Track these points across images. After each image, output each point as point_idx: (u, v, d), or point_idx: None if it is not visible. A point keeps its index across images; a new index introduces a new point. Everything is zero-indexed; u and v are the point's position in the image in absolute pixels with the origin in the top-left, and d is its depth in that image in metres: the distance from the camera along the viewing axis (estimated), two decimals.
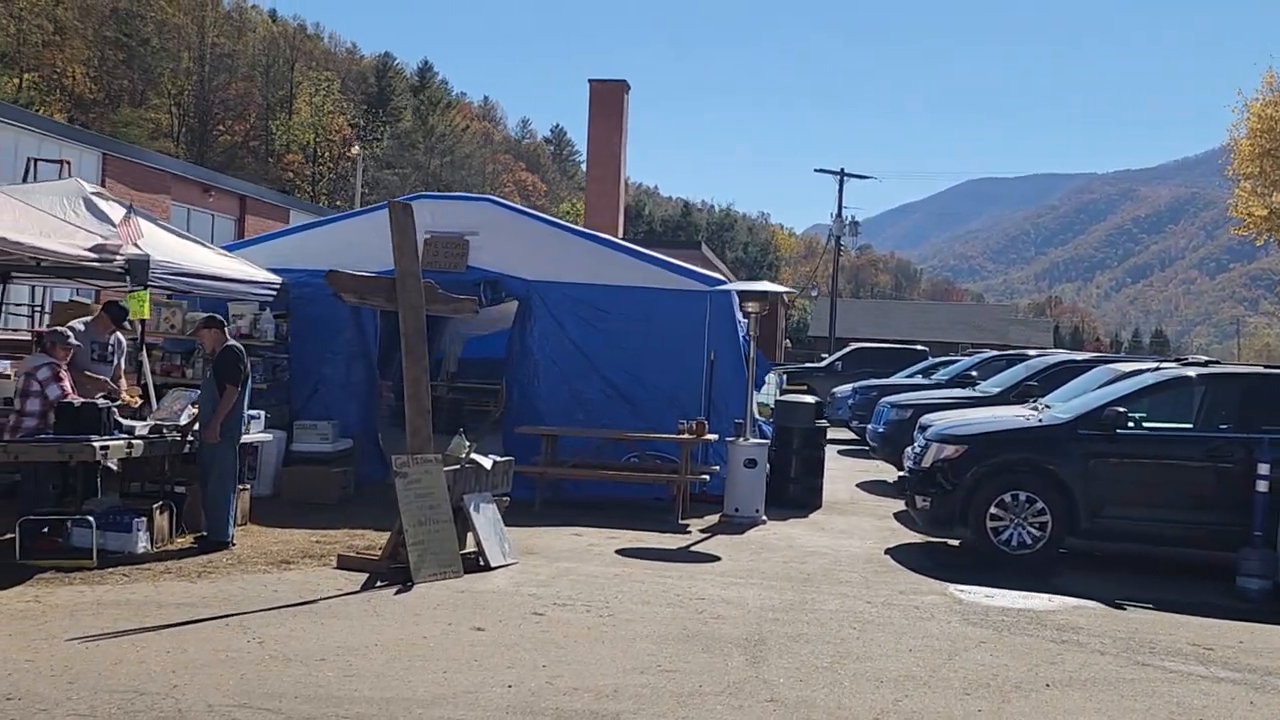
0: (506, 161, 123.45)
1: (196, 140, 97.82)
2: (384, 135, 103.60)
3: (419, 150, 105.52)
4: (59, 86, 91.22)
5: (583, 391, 15.38)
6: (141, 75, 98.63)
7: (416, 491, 9.60)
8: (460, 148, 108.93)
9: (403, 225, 9.76)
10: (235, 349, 10.61)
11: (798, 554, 11.87)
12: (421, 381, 9.78)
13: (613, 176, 44.98)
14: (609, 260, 15.58)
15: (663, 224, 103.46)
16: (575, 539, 12.01)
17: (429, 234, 15.57)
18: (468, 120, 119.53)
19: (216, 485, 10.55)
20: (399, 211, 9.78)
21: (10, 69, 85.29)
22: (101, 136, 20.64)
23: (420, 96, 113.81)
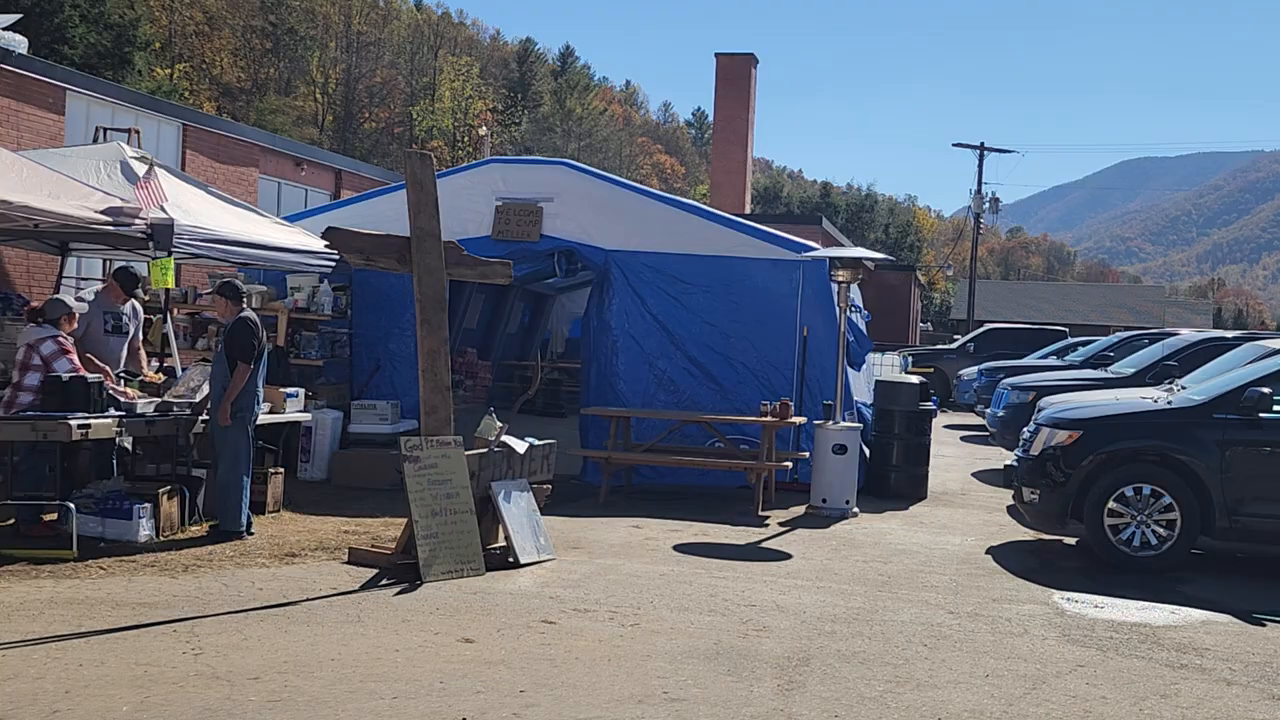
0: (645, 144, 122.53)
1: (341, 127, 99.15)
2: (522, 120, 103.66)
3: (556, 134, 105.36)
4: (208, 76, 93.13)
5: (665, 370, 14.16)
6: (288, 64, 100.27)
7: (430, 478, 8.49)
8: (598, 131, 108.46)
9: (420, 179, 8.64)
10: (249, 321, 9.63)
11: (883, 552, 10.48)
12: (439, 355, 8.65)
13: (739, 153, 43.66)
14: (693, 227, 14.31)
15: (801, 205, 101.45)
16: (632, 532, 10.80)
17: (501, 201, 14.53)
18: (606, 104, 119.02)
19: (227, 471, 9.60)
20: (415, 163, 8.66)
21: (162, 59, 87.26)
22: (181, 106, 20.08)
23: (560, 80, 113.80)
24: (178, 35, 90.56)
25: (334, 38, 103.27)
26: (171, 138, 18.90)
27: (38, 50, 42.65)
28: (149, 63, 76.34)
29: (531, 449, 9.55)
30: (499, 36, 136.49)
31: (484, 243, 14.46)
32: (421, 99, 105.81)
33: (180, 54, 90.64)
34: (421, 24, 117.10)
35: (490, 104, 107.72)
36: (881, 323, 43.40)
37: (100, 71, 48.45)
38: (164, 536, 9.46)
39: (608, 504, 12.34)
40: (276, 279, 14.41)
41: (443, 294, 8.73)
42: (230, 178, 19.58)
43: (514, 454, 9.28)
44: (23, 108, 15.21)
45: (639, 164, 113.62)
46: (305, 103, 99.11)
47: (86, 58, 52.99)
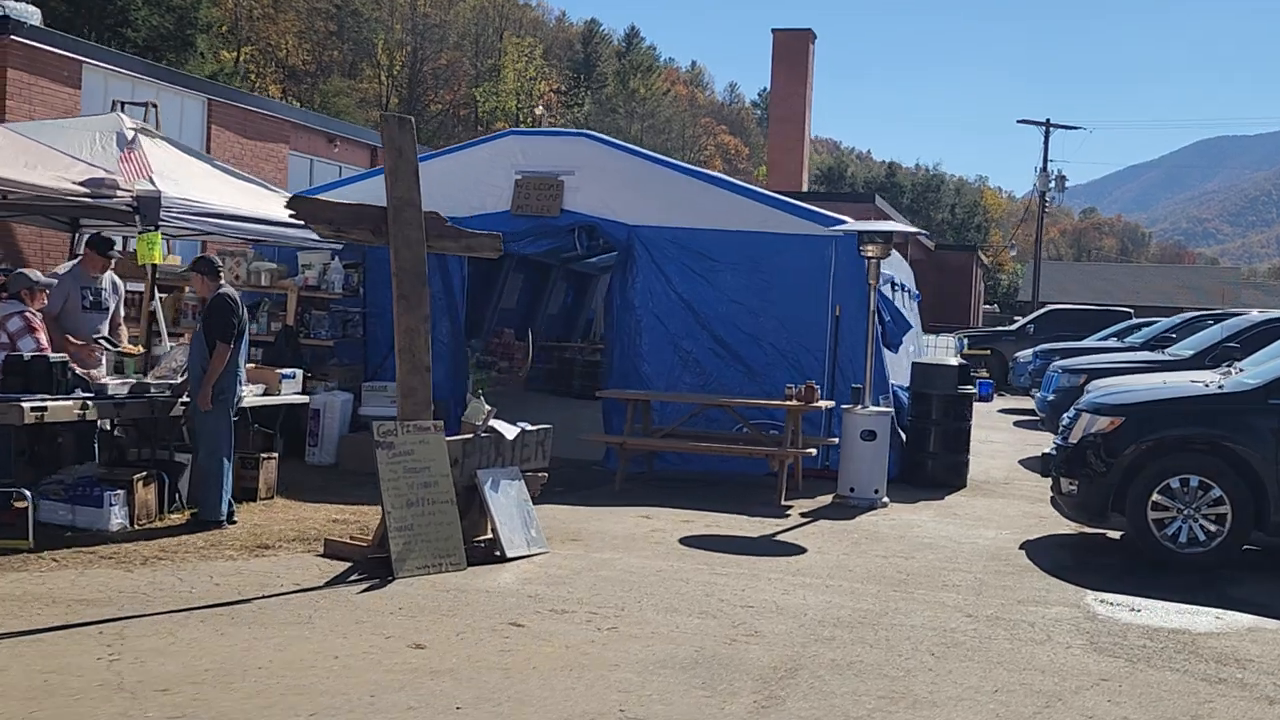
0: (708, 125, 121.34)
1: (406, 109, 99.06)
2: (584, 101, 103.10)
3: (619, 115, 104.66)
4: (274, 59, 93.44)
5: (690, 351, 13.50)
6: (353, 47, 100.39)
7: (406, 465, 7.91)
8: (661, 111, 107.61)
9: (399, 144, 8.04)
10: (227, 298, 9.09)
11: (908, 546, 9.77)
12: (418, 333, 8.06)
13: (795, 131, 42.69)
14: (721, 201, 13.60)
15: (865, 185, 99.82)
16: (640, 522, 10.17)
17: (520, 174, 13.92)
18: (670, 84, 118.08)
19: (206, 456, 9.08)
20: (393, 127, 8.06)
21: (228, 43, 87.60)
22: (206, 81, 19.70)
23: (624, 60, 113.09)
24: (244, 19, 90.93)
25: (400, 20, 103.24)
26: (196, 113, 18.49)
27: (100, 34, 42.61)
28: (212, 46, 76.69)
29: (524, 434, 8.94)
30: (564, 18, 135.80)
31: (503, 218, 13.88)
32: (486, 81, 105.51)
33: (247, 37, 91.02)
34: (487, 6, 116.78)
35: (554, 85, 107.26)
36: (943, 304, 42.34)
37: (163, 54, 48.40)
38: (139, 525, 8.98)
39: (622, 492, 11.72)
40: (288, 256, 13.92)
41: (422, 268, 8.13)
42: (259, 154, 19.17)
43: (503, 440, 8.68)
44: (36, 81, 14.85)
45: (702, 145, 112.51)
46: (370, 85, 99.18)
47: (149, 40, 53.04)
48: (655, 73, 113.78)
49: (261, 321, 13.41)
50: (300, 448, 12.53)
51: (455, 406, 14.05)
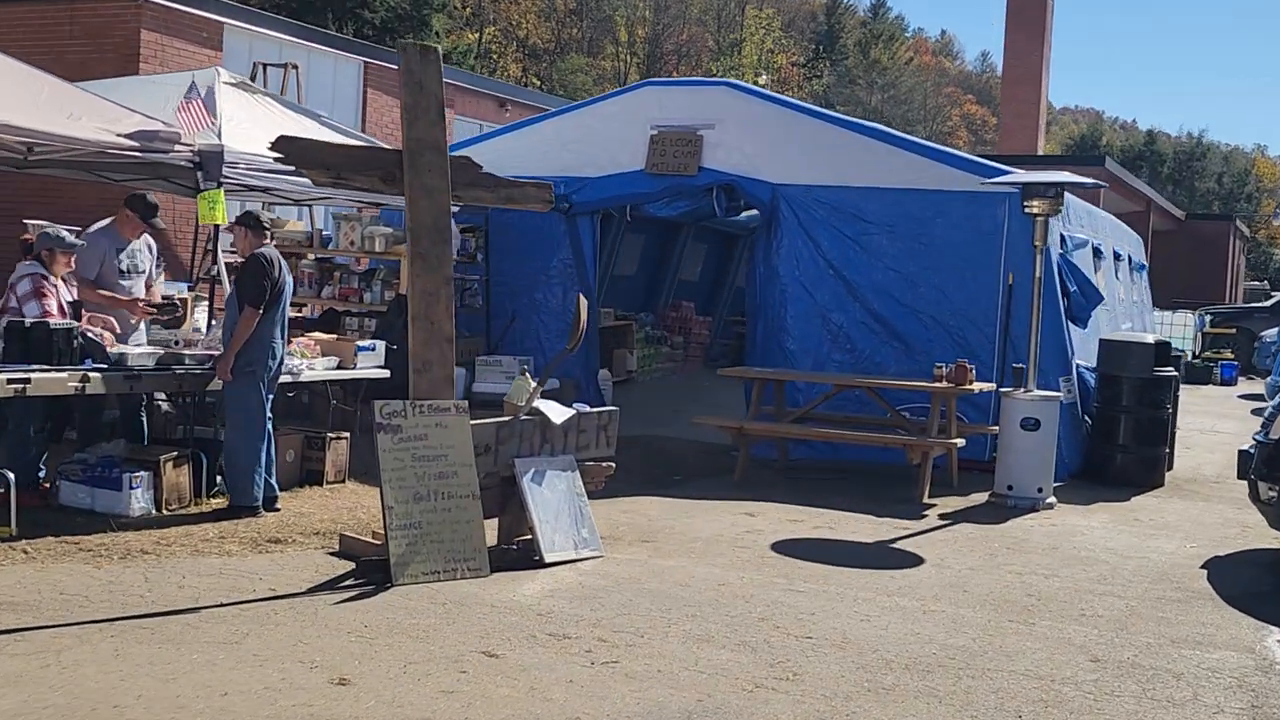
0: (953, 94, 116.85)
1: None
2: (823, 72, 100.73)
3: (859, 86, 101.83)
4: (515, 39, 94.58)
5: (841, 325, 11.94)
6: (592, 24, 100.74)
7: (416, 453, 6.74)
8: (903, 81, 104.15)
9: (419, 78, 6.85)
10: (262, 258, 8.09)
11: (1056, 560, 8.06)
12: (437, 298, 6.87)
13: (1031, 92, 39.84)
14: (876, 155, 11.96)
15: (1121, 154, 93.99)
16: (739, 521, 8.76)
17: (655, 129, 12.60)
18: (915, 54, 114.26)
19: (236, 436, 8.13)
20: (413, 58, 6.87)
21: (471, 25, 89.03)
22: (360, 42, 19.01)
23: (866, 29, 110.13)
24: (487, 1, 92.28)
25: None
26: (351, 76, 17.83)
27: (340, 15, 43.16)
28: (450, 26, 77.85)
29: (580, 418, 7.65)
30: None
31: (636, 177, 12.65)
32: (726, 55, 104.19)
33: (490, 18, 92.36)
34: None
35: (793, 57, 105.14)
36: (1195, 278, 38.87)
37: (400, 34, 48.87)
38: (169, 510, 8.11)
39: (742, 483, 10.31)
40: (395, 218, 13.01)
41: (445, 222, 6.92)
42: None
43: (550, 424, 7.41)
44: (170, 42, 14.38)
45: (947, 115, 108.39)
46: (609, 62, 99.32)
47: (387, 21, 53.92)
48: (899, 41, 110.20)
49: (375, 290, 12.57)
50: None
51: (587, 383, 12.94)
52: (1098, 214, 15.55)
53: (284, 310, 8.28)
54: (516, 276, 12.98)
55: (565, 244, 12.89)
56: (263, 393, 8.14)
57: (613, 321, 17.01)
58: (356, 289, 12.64)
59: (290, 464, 9.16)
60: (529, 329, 13.02)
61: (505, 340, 12.92)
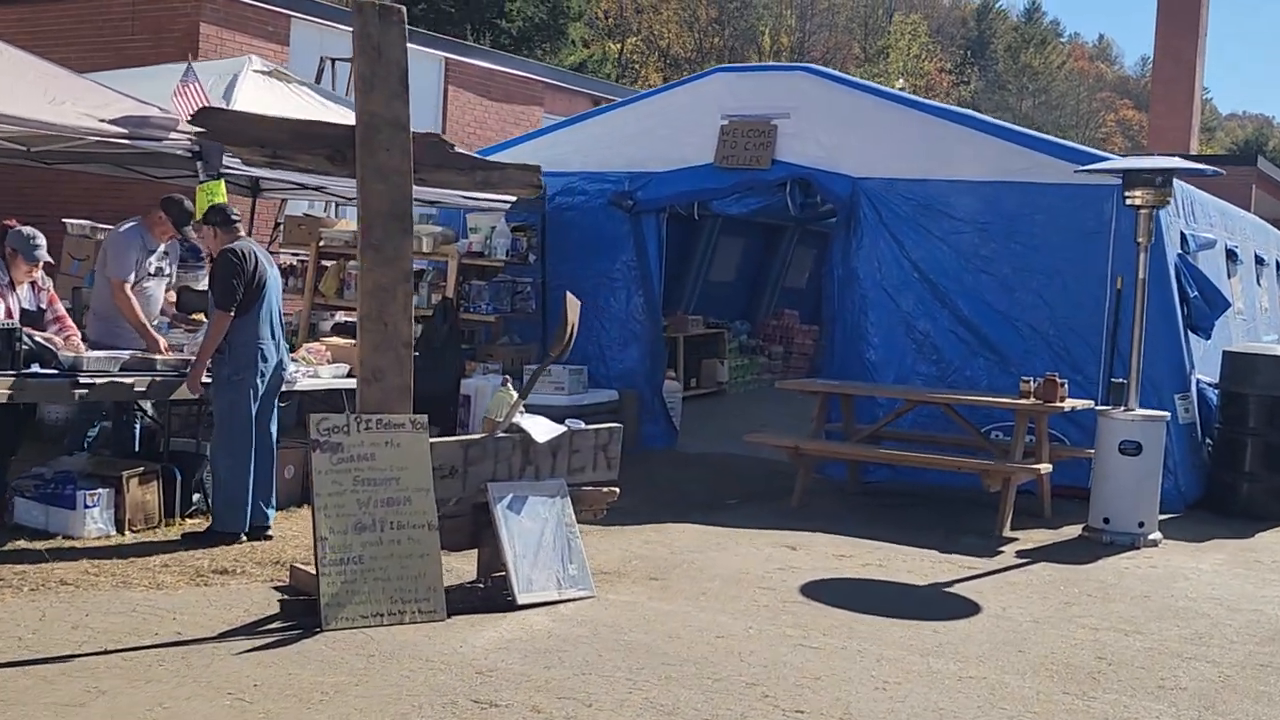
0: (1108, 99, 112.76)
1: None
2: (971, 78, 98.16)
3: (1010, 92, 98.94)
4: (656, 49, 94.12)
5: (927, 334, 10.72)
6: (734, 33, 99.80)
7: (358, 476, 5.80)
8: (1055, 86, 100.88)
9: (376, 41, 5.92)
10: (233, 254, 7.25)
11: (1147, 611, 6.77)
12: (392, 296, 5.91)
13: (1183, 91, 37.55)
14: (967, 144, 10.70)
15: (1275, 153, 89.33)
16: (776, 555, 7.64)
17: (726, 119, 11.54)
18: (1066, 58, 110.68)
19: (220, 453, 7.31)
20: (369, 19, 5.93)
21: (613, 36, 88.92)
22: (443, 38, 18.26)
23: (1018, 34, 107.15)
24: (629, 11, 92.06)
25: (787, 4, 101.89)
26: (431, 73, 17.09)
27: (477, 26, 42.99)
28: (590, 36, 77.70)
29: (573, 436, 6.63)
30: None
31: (705, 172, 11.60)
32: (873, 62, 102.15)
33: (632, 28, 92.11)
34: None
35: (941, 63, 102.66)
36: None
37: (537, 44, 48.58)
38: (132, 531, 7.34)
39: (800, 509, 9.19)
40: (454, 217, 12.18)
41: (405, 208, 5.96)
42: (506, 118, 17.62)
43: (530, 444, 6.41)
44: (233, 37, 13.81)
45: (1102, 120, 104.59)
46: None
47: (524, 31, 53.78)
48: (1052, 46, 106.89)
49: (422, 293, 11.71)
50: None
51: (652, 396, 11.93)
52: (1235, 213, 13.99)
53: (270, 308, 7.43)
54: (576, 280, 11.94)
55: (630, 245, 11.88)
56: (251, 405, 7.28)
57: (702, 330, 16.01)
58: None
59: (290, 480, 8.32)
60: (589, 336, 11.99)
61: None
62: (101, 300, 8.32)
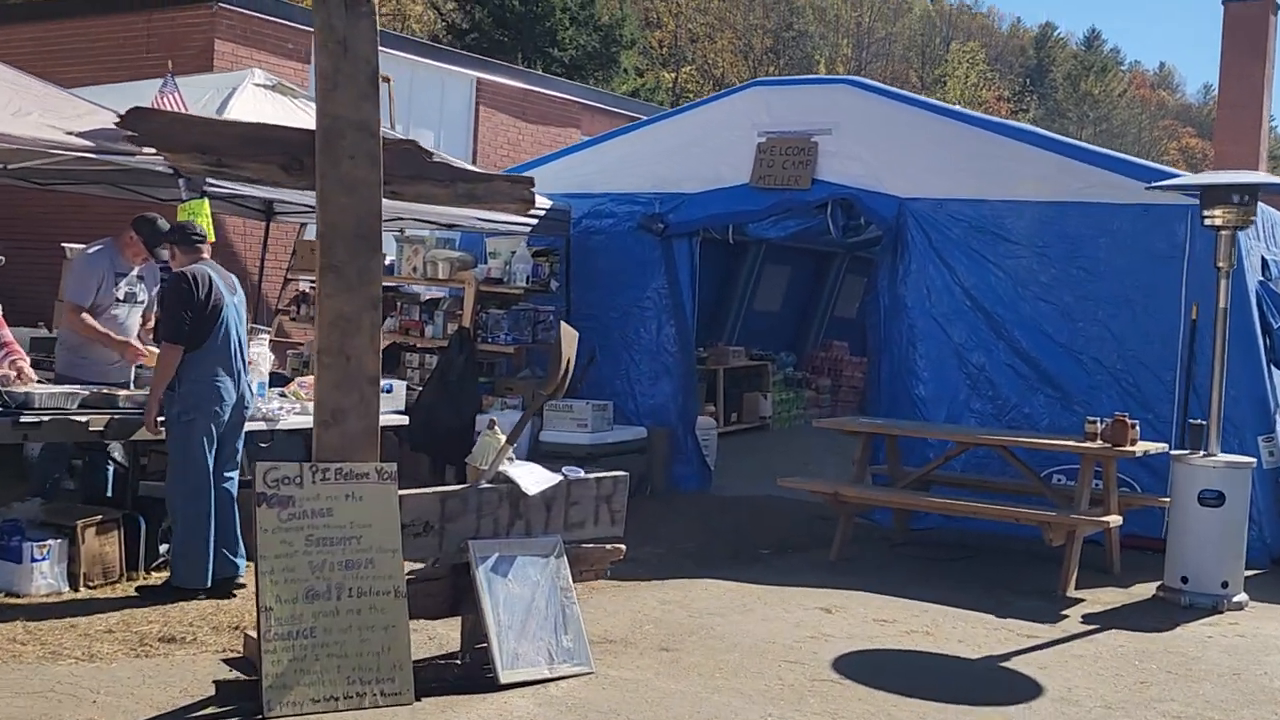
0: (1171, 127, 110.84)
1: None
2: (1030, 106, 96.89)
3: (1069, 119, 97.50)
4: (711, 77, 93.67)
5: (982, 368, 9.83)
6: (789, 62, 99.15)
7: (313, 534, 5.00)
8: (1116, 114, 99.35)
9: (340, 35, 5.14)
10: (184, 279, 6.49)
11: (1236, 694, 5.82)
12: (359, 325, 5.12)
13: (1251, 117, 36.28)
14: (1024, 161, 9.81)
15: None
16: (808, 620, 6.76)
17: (763, 136, 10.74)
18: (1131, 86, 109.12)
19: (174, 500, 6.57)
20: (334, 10, 5.18)
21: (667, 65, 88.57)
22: (474, 57, 17.59)
23: (1077, 62, 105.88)
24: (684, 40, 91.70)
25: (844, 34, 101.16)
26: (461, 93, 16.38)
27: (529, 55, 42.58)
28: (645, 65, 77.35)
29: (570, 486, 5.79)
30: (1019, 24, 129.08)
31: (741, 193, 10.81)
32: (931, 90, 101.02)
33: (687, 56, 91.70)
34: (934, 15, 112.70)
35: (999, 91, 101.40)
36: None
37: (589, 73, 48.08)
38: (89, 586, 6.60)
39: (840, 562, 8.30)
40: (476, 242, 11.43)
41: (372, 226, 5.17)
42: (541, 140, 16.88)
43: (517, 496, 5.58)
44: (250, 54, 13.18)
45: (1164, 148, 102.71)
46: None
47: (576, 59, 53.36)
48: (1111, 73, 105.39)
49: (438, 323, 10.98)
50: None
51: (684, 433, 11.09)
52: None
53: (230, 339, 6.67)
54: (603, 308, 11.20)
55: (660, 271, 11.07)
56: (204, 448, 6.53)
57: (744, 362, 15.18)
58: (418, 321, 11.07)
59: None
60: (617, 368, 11.21)
61: (584, 380, 11.13)
62: (64, 331, 7.63)
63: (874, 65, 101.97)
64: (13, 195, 13.37)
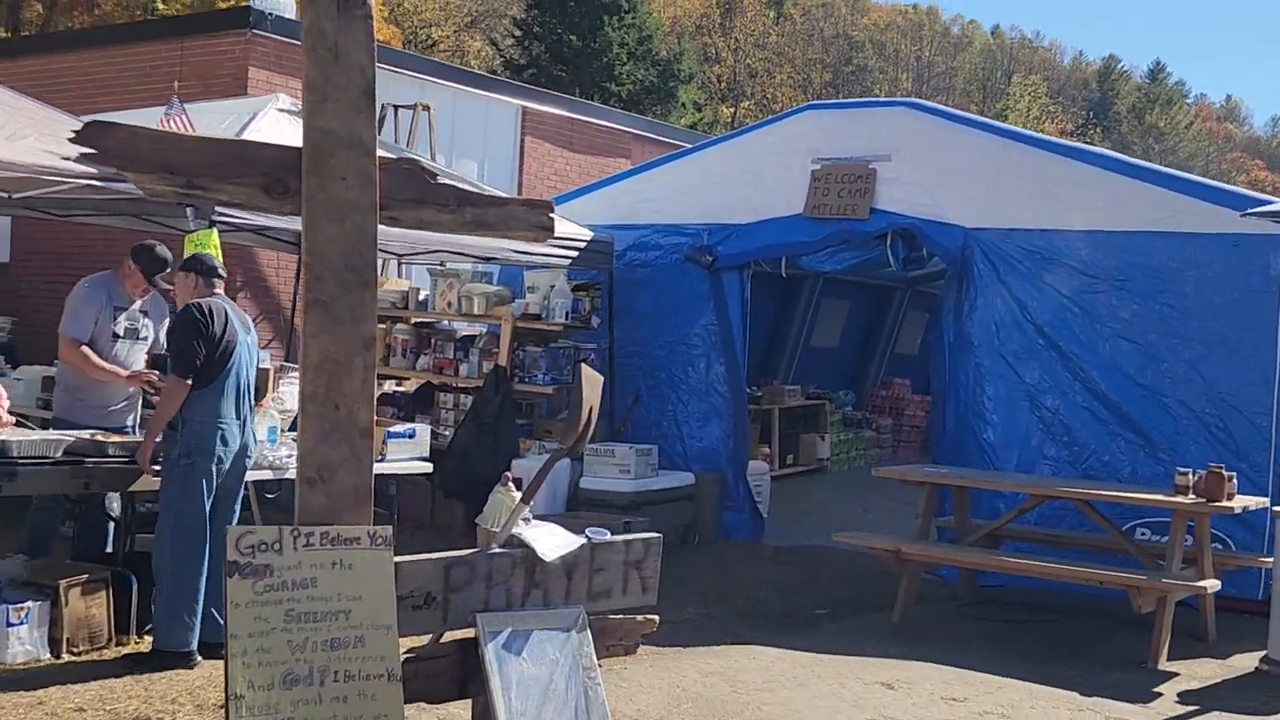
0: (1239, 160, 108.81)
1: None
2: (1094, 139, 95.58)
3: (1134, 153, 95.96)
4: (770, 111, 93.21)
5: (1056, 411, 9.08)
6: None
7: (292, 609, 4.34)
8: (1182, 147, 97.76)
9: (330, 40, 4.53)
10: (196, 311, 5.96)
11: None
12: (351, 368, 4.49)
13: None
14: (1101, 188, 9.06)
15: None
16: (868, 696, 6.04)
17: (818, 162, 10.08)
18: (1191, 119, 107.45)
19: (163, 554, 5.99)
20: (323, 10, 4.58)
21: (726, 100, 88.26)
22: (520, 85, 17.09)
23: (1141, 94, 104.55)
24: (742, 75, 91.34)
25: (903, 69, 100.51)
26: (506, 122, 15.85)
27: (586, 90, 42.36)
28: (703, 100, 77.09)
29: (595, 551, 5.11)
30: (1081, 57, 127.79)
31: (794, 223, 10.14)
32: None
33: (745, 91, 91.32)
34: (995, 49, 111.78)
35: (1061, 125, 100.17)
36: None
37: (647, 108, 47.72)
38: (72, 652, 6.01)
39: (903, 626, 7.56)
40: (515, 277, 10.83)
41: (366, 255, 4.54)
42: (590, 171, 16.30)
43: (533, 562, 4.91)
44: (285, 81, 12.69)
45: (1233, 181, 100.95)
46: None
47: (634, 95, 53.05)
48: (1177, 106, 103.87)
49: (473, 361, 10.38)
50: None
51: (735, 479, 10.40)
52: None
53: (239, 378, 6.11)
54: (648, 345, 10.57)
55: (709, 306, 10.42)
56: (203, 496, 5.96)
57: (801, 401, 14.48)
58: (453, 359, 10.48)
59: None
60: (664, 409, 10.56)
61: (635, 425, 10.48)
62: (62, 369, 7.09)
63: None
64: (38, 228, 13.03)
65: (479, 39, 62.39)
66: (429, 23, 58.00)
